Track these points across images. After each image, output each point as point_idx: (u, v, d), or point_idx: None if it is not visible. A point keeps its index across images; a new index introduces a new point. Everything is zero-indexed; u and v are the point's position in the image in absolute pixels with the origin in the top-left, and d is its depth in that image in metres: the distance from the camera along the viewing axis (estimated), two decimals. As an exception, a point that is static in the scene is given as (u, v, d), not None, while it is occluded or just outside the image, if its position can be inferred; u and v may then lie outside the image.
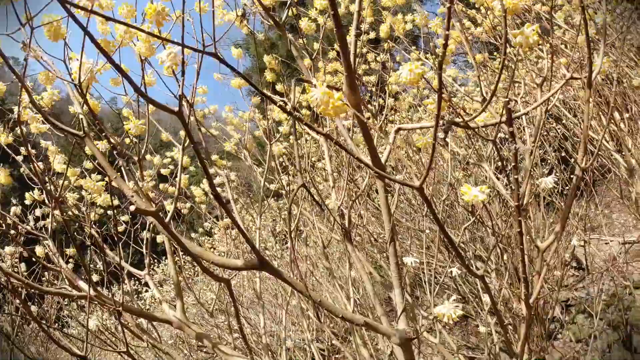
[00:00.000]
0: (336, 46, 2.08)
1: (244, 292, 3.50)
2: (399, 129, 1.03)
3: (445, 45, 0.64)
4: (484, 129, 1.78)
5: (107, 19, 0.74)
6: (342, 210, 1.31)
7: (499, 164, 2.89)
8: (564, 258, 2.76)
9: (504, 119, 1.23)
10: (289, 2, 1.29)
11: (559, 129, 3.58)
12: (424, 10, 2.40)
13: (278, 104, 0.68)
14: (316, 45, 2.03)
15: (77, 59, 1.17)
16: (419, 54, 2.37)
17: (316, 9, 1.87)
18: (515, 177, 1.01)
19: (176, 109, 0.77)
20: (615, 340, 2.60)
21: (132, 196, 0.90)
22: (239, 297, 3.24)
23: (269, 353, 1.63)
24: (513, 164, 0.98)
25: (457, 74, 2.46)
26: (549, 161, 3.43)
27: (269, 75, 1.95)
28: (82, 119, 1.15)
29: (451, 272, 1.50)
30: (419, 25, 2.41)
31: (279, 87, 2.03)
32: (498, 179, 2.31)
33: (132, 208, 0.76)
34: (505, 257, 2.58)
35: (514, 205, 1.16)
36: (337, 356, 3.05)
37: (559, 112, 3.32)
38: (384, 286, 1.80)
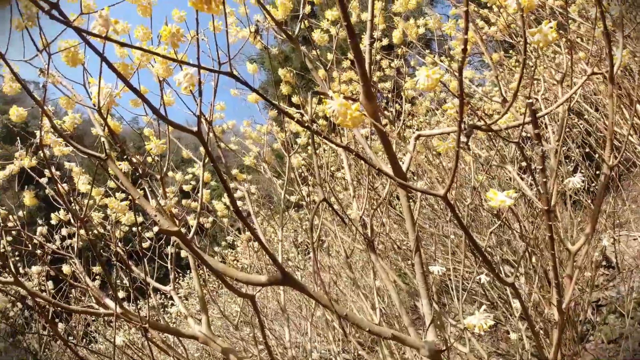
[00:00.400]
0: (350, 55, 2.08)
1: (267, 303, 3.50)
2: (419, 135, 1.01)
3: (465, 50, 0.62)
4: (506, 131, 1.74)
5: (123, 45, 0.76)
6: (364, 220, 1.29)
7: (523, 164, 2.83)
8: (594, 258, 2.66)
9: (526, 119, 1.19)
10: (301, 15, 1.29)
11: (581, 124, 3.48)
12: (435, 14, 2.38)
13: (296, 119, 0.67)
14: (330, 56, 2.03)
15: (96, 84, 1.20)
16: (434, 57, 2.35)
17: (328, 20, 1.88)
18: (544, 180, 0.97)
19: (195, 128, 0.78)
20: (646, 339, 2.49)
21: (156, 215, 0.91)
22: (262, 309, 3.24)
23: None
24: (540, 167, 0.95)
25: (473, 75, 2.42)
26: (573, 158, 3.33)
27: (284, 88, 1.97)
28: (103, 141, 1.17)
29: (479, 279, 1.45)
30: (431, 29, 2.39)
31: (294, 99, 2.04)
32: (522, 179, 2.25)
33: (156, 229, 0.77)
34: (533, 260, 2.50)
35: (543, 209, 1.12)
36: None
37: (580, 107, 3.23)
38: (409, 294, 1.77)
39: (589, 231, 1.48)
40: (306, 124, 0.67)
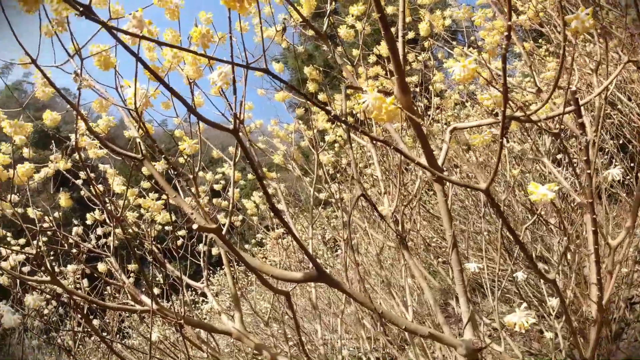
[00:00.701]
0: (376, 50, 2.06)
1: (296, 300, 3.51)
2: (454, 128, 0.98)
3: (509, 37, 0.60)
4: (544, 121, 1.68)
5: (160, 43, 0.77)
6: (396, 217, 1.27)
7: (558, 156, 2.72)
8: (630, 254, 2.54)
9: (566, 109, 1.15)
10: (328, 11, 1.28)
11: (615, 114, 3.33)
12: (460, 4, 2.32)
13: (332, 114, 0.67)
14: (355, 52, 2.02)
15: (131, 86, 1.23)
16: (462, 48, 2.29)
17: (353, 16, 1.86)
18: (588, 171, 0.92)
19: (229, 126, 0.78)
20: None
21: (192, 214, 0.92)
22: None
23: (327, 364, 1.62)
24: (584, 157, 0.90)
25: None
26: (607, 150, 3.20)
27: (311, 86, 1.96)
28: (139, 142, 1.20)
29: (516, 276, 1.41)
30: (457, 20, 2.33)
31: (321, 96, 2.03)
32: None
33: (194, 226, 0.78)
34: (569, 256, 2.41)
35: (587, 202, 1.07)
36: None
37: (613, 97, 3.09)
38: (442, 292, 1.73)
39: (629, 225, 1.42)
40: (342, 118, 0.66)
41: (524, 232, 2.12)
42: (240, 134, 1.37)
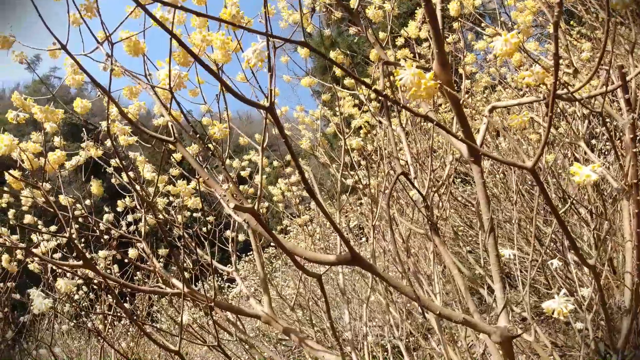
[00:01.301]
0: (403, 32, 2.02)
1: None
2: (494, 107, 0.95)
3: (561, 4, 0.57)
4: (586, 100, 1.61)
5: (198, 14, 0.76)
6: (427, 202, 1.25)
7: (592, 142, 2.62)
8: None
9: (607, 88, 1.10)
10: (359, -10, 1.25)
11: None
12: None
13: (373, 88, 0.65)
14: (381, 35, 1.98)
15: (164, 66, 1.24)
16: (495, 28, 2.22)
17: (380, -4, 1.82)
18: (634, 150, 0.88)
19: (267, 104, 0.78)
20: None
21: (224, 195, 0.92)
22: (315, 291, 3.28)
23: (355, 349, 1.62)
24: (630, 135, 0.86)
25: (537, 47, 2.26)
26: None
27: (337, 71, 1.94)
28: (171, 125, 1.21)
29: (551, 263, 1.37)
30: (485, 2, 2.25)
31: (347, 81, 2.01)
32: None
33: (230, 206, 0.78)
34: (601, 247, 2.33)
35: (630, 184, 1.02)
36: (417, 353, 2.98)
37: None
38: (471, 281, 1.71)
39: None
40: (384, 93, 0.64)
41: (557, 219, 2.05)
42: (266, 120, 1.36)
